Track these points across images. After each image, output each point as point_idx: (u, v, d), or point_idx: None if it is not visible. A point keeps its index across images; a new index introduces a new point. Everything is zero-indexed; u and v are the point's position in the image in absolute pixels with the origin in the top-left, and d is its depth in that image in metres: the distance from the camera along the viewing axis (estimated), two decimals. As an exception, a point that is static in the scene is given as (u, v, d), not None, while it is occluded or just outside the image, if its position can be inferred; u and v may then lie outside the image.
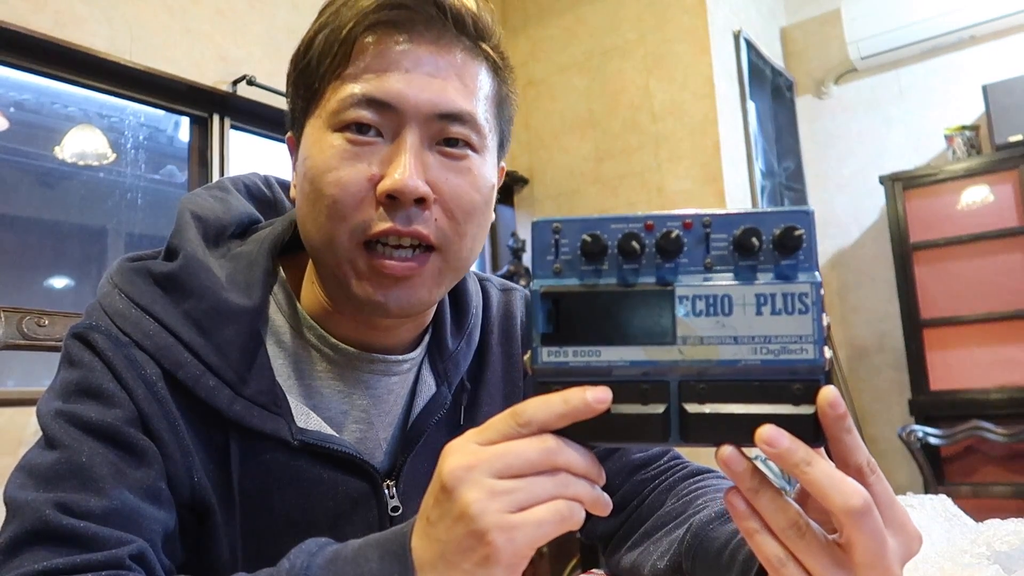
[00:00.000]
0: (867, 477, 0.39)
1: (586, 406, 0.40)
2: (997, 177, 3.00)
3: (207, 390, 0.59)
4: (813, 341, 0.39)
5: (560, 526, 0.40)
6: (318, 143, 0.60)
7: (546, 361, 0.42)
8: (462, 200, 0.61)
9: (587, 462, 0.41)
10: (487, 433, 0.42)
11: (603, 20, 3.30)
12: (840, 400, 0.39)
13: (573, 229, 0.42)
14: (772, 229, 0.40)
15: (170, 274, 0.62)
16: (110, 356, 0.58)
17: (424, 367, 0.72)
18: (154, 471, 0.57)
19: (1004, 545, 0.67)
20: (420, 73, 0.59)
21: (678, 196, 3.04)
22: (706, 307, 0.40)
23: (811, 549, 0.39)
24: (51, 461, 0.55)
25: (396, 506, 0.67)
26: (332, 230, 0.59)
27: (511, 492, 0.40)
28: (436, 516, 0.41)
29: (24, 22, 2.08)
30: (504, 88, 0.67)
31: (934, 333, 3.07)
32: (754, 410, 0.40)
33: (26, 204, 2.42)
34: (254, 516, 0.62)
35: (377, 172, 0.58)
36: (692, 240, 0.41)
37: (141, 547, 0.53)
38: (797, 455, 0.38)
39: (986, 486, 2.86)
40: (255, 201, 0.76)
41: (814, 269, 0.40)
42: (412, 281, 0.60)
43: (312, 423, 0.64)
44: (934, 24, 3.26)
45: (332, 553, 0.46)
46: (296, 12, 2.79)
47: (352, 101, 0.58)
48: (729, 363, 0.40)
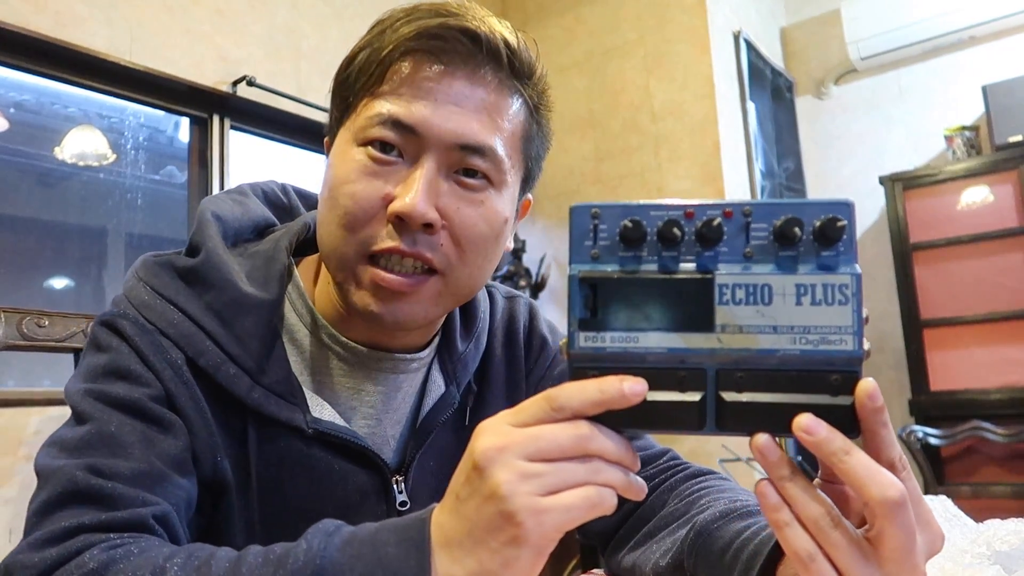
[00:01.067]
0: (899, 473, 0.39)
1: (621, 396, 0.40)
2: (997, 177, 3.00)
3: (227, 377, 0.62)
4: (853, 332, 0.39)
5: (590, 512, 0.40)
6: (343, 154, 0.63)
7: (583, 346, 0.41)
8: (470, 230, 0.62)
9: (621, 449, 0.41)
10: (521, 415, 0.42)
11: (603, 20, 3.31)
12: (879, 393, 0.39)
13: (613, 215, 0.42)
14: (813, 220, 0.40)
15: (193, 268, 0.65)
16: (137, 341, 0.61)
17: (434, 367, 0.74)
18: (181, 442, 0.59)
19: (1004, 545, 0.67)
20: (447, 103, 0.61)
21: (678, 196, 3.03)
22: (746, 296, 0.40)
23: (842, 542, 0.39)
24: (81, 433, 0.57)
25: (404, 501, 0.69)
26: (341, 239, 0.62)
27: (542, 475, 0.40)
28: (466, 494, 0.42)
29: (24, 22, 2.08)
30: (536, 126, 0.68)
31: (934, 333, 3.07)
32: (791, 400, 0.39)
33: (26, 204, 2.42)
34: (267, 502, 0.64)
35: (391, 191, 0.60)
36: (733, 229, 0.41)
37: (165, 509, 0.55)
38: (835, 444, 0.38)
39: (986, 486, 2.86)
40: (272, 207, 0.79)
41: (854, 261, 0.40)
42: (409, 297, 0.62)
43: (326, 414, 0.66)
44: (934, 24, 3.26)
45: (349, 535, 0.46)
46: (296, 12, 2.79)
47: (379, 119, 0.61)
48: (768, 352, 0.40)
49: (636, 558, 0.67)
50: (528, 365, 0.82)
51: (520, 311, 0.84)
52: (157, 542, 0.52)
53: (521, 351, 0.81)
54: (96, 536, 0.51)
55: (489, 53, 0.62)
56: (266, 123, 2.75)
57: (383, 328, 0.65)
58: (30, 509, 0.54)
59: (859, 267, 0.40)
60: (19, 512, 0.57)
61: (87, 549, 0.49)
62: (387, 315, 0.62)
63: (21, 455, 1.62)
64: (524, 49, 0.65)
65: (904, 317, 3.13)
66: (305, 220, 0.74)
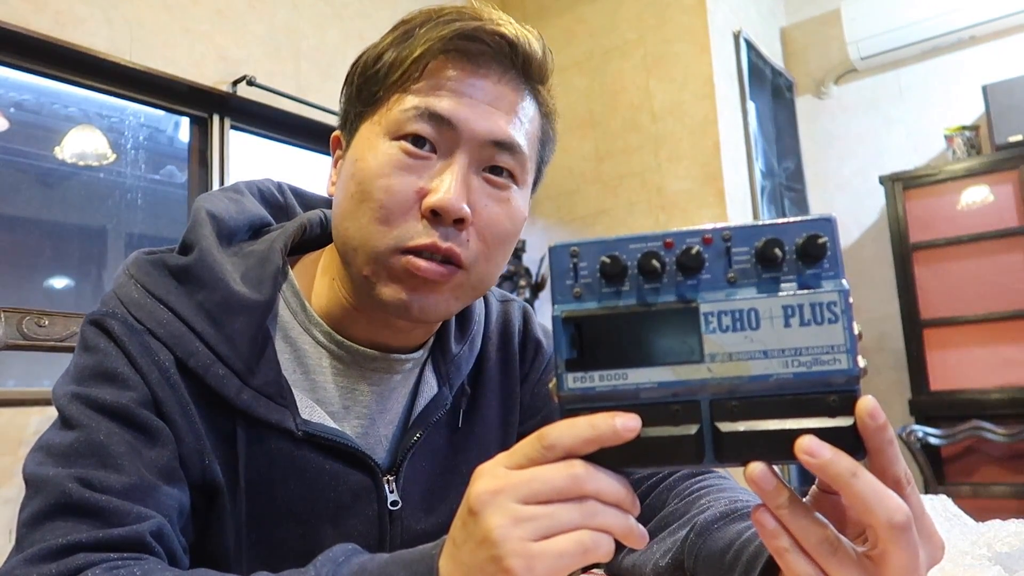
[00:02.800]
0: (904, 489, 0.38)
1: (614, 432, 0.39)
2: (997, 177, 3.00)
3: (216, 379, 0.61)
4: (846, 350, 0.38)
5: (583, 558, 0.39)
6: (373, 148, 0.63)
7: (572, 387, 0.40)
8: (497, 228, 0.64)
9: (619, 490, 0.40)
10: (514, 457, 0.41)
11: (603, 20, 3.31)
12: (880, 410, 0.38)
13: (591, 252, 0.41)
14: (794, 239, 0.39)
15: (185, 266, 0.65)
16: (125, 342, 0.61)
17: (427, 368, 0.74)
18: (168, 451, 0.59)
19: (1005, 546, 0.67)
20: (481, 101, 0.62)
21: (678, 196, 3.04)
22: (732, 322, 0.39)
23: (843, 564, 0.38)
24: (69, 440, 0.56)
25: (395, 500, 0.68)
26: (374, 233, 0.61)
27: (535, 519, 0.39)
28: (461, 539, 0.41)
29: (24, 22, 2.08)
30: (548, 130, 0.70)
31: (934, 333, 3.07)
32: (790, 425, 0.38)
33: (26, 204, 2.42)
34: (258, 503, 0.64)
35: (425, 186, 0.61)
36: (713, 255, 0.40)
37: (160, 523, 0.55)
38: (840, 465, 0.37)
39: (986, 486, 2.86)
40: (267, 205, 0.78)
41: (840, 276, 0.39)
42: (439, 287, 0.62)
43: (316, 416, 0.66)
44: (934, 24, 3.25)
45: (358, 566, 0.46)
46: (296, 12, 2.79)
47: (415, 113, 0.61)
48: (761, 378, 0.39)
49: (636, 558, 0.67)
50: (523, 370, 0.82)
51: (514, 315, 0.84)
52: (159, 565, 0.52)
53: (516, 355, 0.81)
54: (94, 555, 0.50)
55: (522, 58, 0.64)
56: (266, 123, 2.75)
57: (408, 319, 0.64)
58: (20, 518, 0.54)
59: (846, 283, 0.39)
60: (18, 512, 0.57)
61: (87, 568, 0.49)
62: (415, 304, 0.62)
63: (21, 455, 1.61)
64: (548, 57, 0.67)
65: (904, 317, 3.13)
66: (301, 221, 0.73)
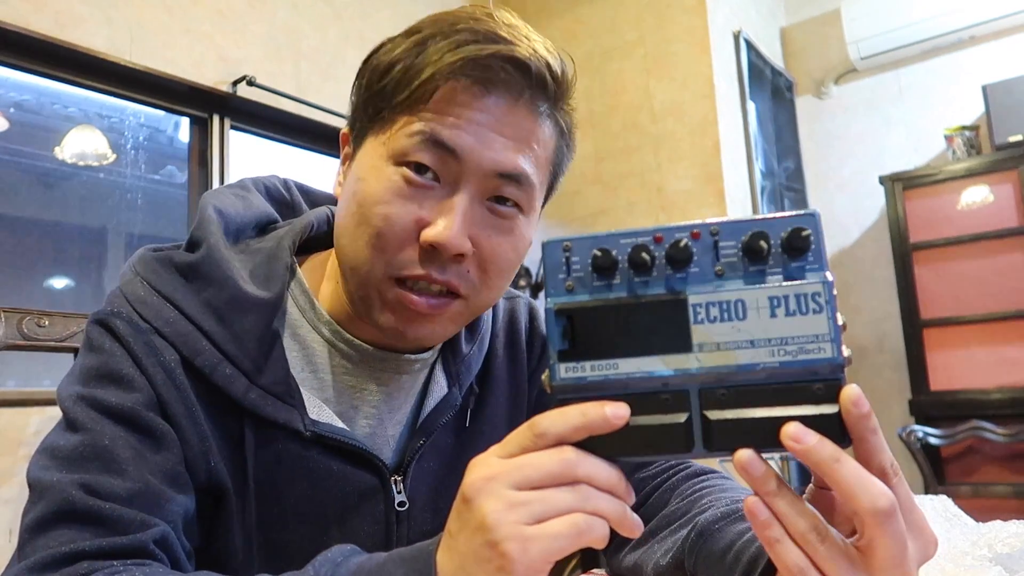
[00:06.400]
0: (890, 479, 0.39)
1: (604, 420, 0.40)
2: (997, 177, 3.00)
3: (223, 378, 0.60)
4: (830, 339, 0.39)
5: (577, 540, 0.39)
6: (375, 170, 0.61)
7: (564, 377, 0.42)
8: (499, 259, 0.62)
9: (611, 476, 0.41)
10: (507, 446, 0.42)
11: (603, 20, 3.30)
12: (863, 398, 0.38)
13: (583, 246, 0.43)
14: (779, 233, 0.41)
15: (192, 264, 0.64)
16: (130, 342, 0.60)
17: (437, 368, 0.74)
18: (173, 455, 0.58)
19: (1005, 547, 0.67)
20: (490, 130, 0.60)
21: (678, 196, 3.04)
22: (720, 313, 0.40)
23: (831, 553, 0.38)
24: (74, 443, 0.56)
25: (403, 501, 0.68)
26: (369, 258, 0.60)
27: (528, 503, 0.39)
28: (457, 528, 0.42)
29: (24, 22, 2.08)
30: (564, 148, 0.68)
31: (934, 333, 3.07)
32: (777, 413, 0.39)
33: (26, 204, 2.42)
34: (265, 504, 0.63)
35: (425, 216, 0.59)
36: (701, 249, 0.41)
37: (164, 530, 0.54)
38: (824, 452, 0.38)
39: (986, 486, 2.86)
40: (274, 202, 0.78)
41: (824, 269, 0.40)
42: (433, 319, 0.62)
43: (324, 416, 0.65)
44: (934, 24, 3.26)
45: (356, 565, 0.46)
46: (296, 12, 2.79)
47: (420, 139, 0.59)
48: (748, 367, 0.40)
49: (637, 557, 0.67)
50: (531, 366, 0.82)
51: (520, 311, 0.83)
52: (161, 570, 0.52)
53: (523, 352, 0.81)
54: (98, 563, 0.50)
55: (535, 82, 0.61)
56: (266, 123, 2.75)
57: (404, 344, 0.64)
58: (24, 523, 0.54)
59: (830, 275, 0.40)
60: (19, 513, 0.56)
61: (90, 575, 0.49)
62: (410, 334, 0.62)
63: (21, 455, 1.61)
64: (566, 73, 0.64)
65: (904, 317, 3.13)
66: (309, 219, 0.73)
